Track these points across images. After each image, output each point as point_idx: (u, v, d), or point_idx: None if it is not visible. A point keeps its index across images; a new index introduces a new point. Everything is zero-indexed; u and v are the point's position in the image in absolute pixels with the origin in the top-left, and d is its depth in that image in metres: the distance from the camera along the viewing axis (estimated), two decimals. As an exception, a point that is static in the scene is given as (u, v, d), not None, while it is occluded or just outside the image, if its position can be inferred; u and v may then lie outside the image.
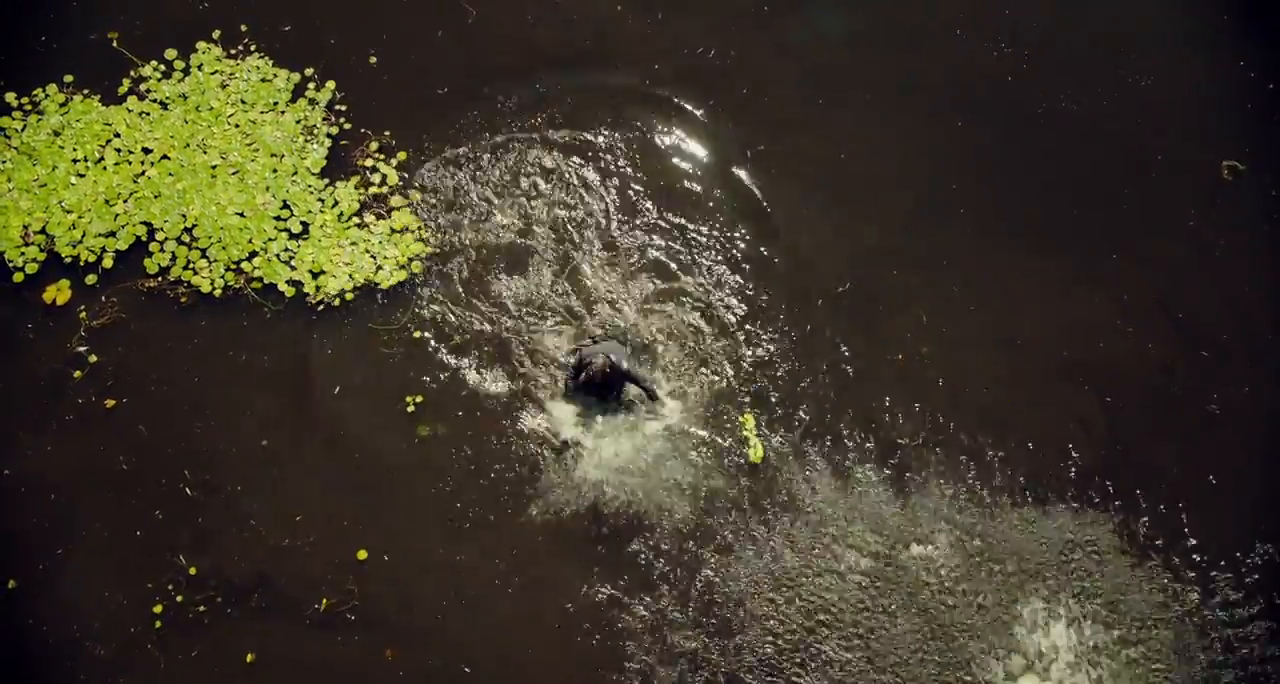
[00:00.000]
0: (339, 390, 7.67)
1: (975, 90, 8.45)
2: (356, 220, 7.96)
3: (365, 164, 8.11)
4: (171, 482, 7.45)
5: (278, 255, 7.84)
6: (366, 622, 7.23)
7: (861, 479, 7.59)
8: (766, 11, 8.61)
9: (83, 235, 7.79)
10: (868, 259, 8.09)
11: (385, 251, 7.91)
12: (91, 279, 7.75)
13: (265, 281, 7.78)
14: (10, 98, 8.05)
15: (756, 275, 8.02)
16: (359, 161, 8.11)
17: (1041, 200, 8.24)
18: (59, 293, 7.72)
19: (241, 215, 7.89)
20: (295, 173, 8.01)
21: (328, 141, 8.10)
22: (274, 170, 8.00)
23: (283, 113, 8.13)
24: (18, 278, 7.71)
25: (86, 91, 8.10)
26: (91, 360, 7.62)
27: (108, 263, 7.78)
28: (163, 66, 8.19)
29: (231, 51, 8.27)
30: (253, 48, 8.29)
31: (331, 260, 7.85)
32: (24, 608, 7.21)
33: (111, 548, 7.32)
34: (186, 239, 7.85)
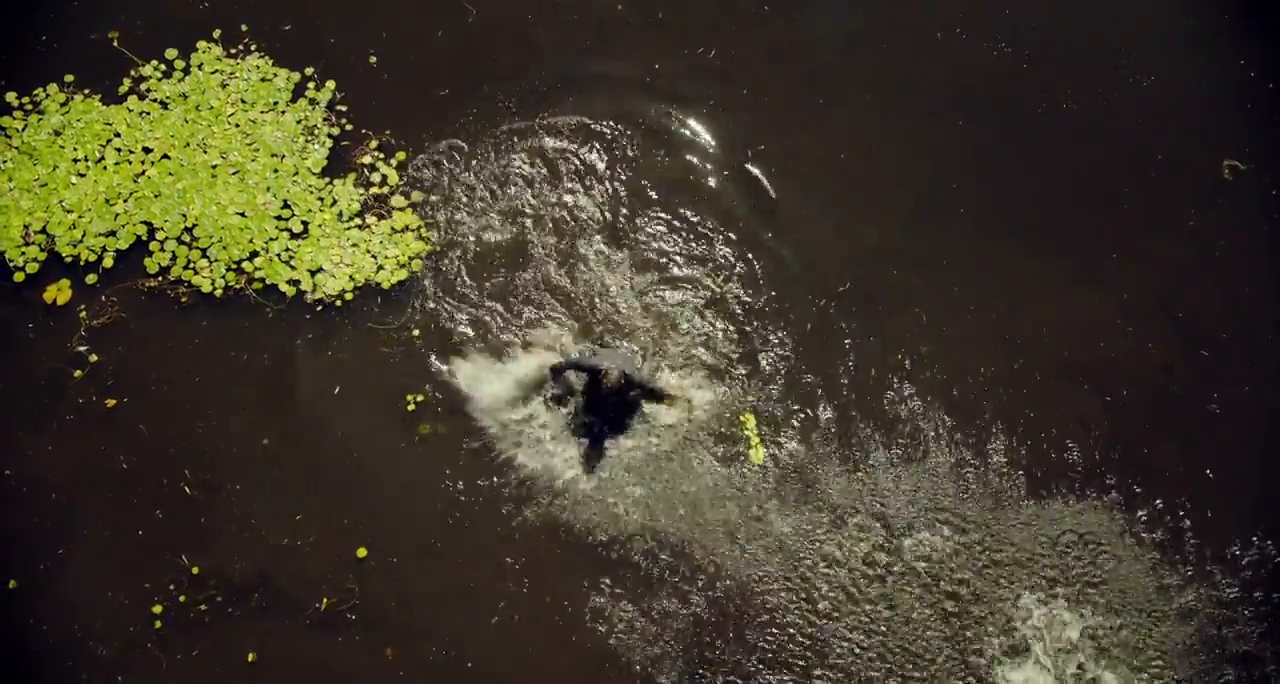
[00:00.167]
0: (339, 390, 7.67)
1: (975, 90, 8.45)
2: (358, 221, 7.97)
3: (364, 162, 8.11)
4: (172, 481, 7.45)
5: (278, 255, 7.84)
6: (367, 621, 7.24)
7: (862, 478, 7.60)
8: (766, 11, 8.61)
9: (83, 235, 7.79)
10: (868, 259, 8.10)
11: (386, 251, 7.91)
12: (92, 279, 7.75)
13: (266, 282, 7.79)
14: (11, 97, 8.04)
15: (756, 275, 8.02)
16: (359, 161, 8.11)
17: (1041, 200, 8.25)
18: (59, 292, 7.72)
19: (242, 215, 7.89)
20: (296, 173, 8.01)
21: (328, 141, 8.10)
22: (275, 170, 7.99)
23: (283, 113, 8.13)
24: (18, 277, 7.71)
25: (87, 91, 8.10)
26: (92, 360, 7.62)
27: (108, 262, 7.78)
28: (163, 66, 8.19)
29: (232, 51, 8.27)
30: (253, 47, 8.29)
31: (332, 260, 7.85)
32: (25, 608, 7.22)
33: (112, 548, 7.32)
34: (187, 239, 7.85)
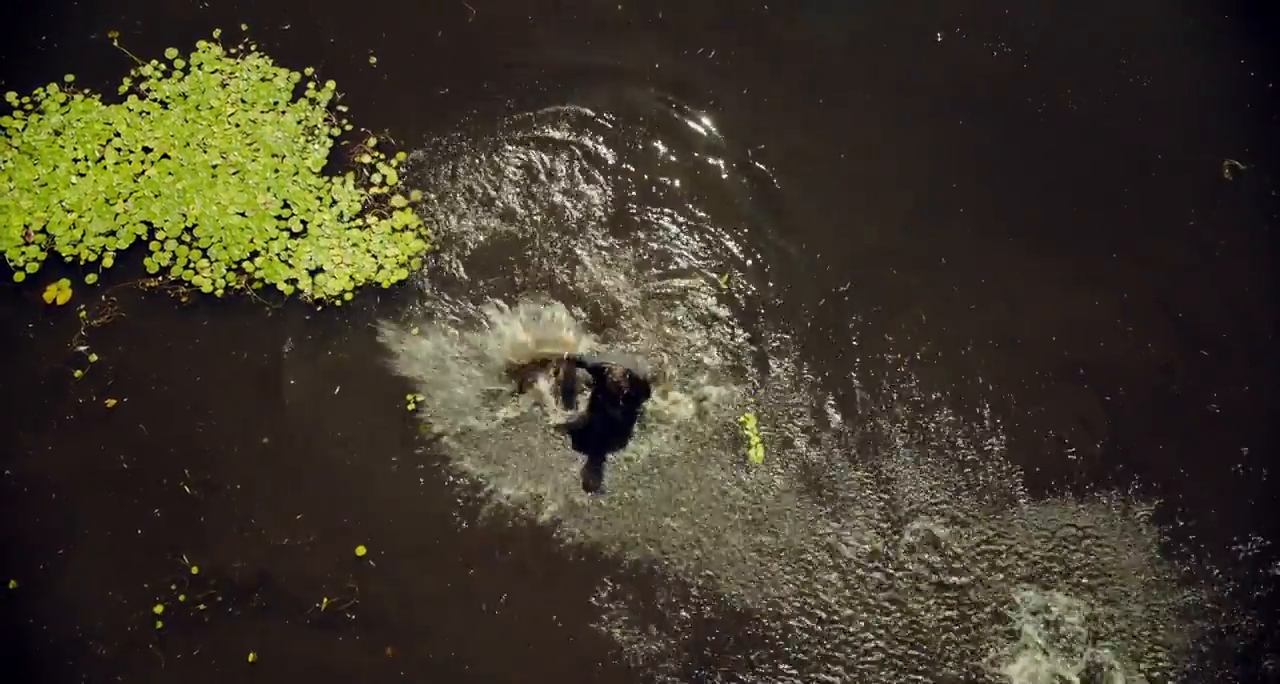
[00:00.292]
0: (339, 390, 7.67)
1: (975, 90, 8.44)
2: (358, 221, 7.97)
3: (364, 161, 8.10)
4: (172, 481, 7.46)
5: (278, 255, 7.84)
6: (367, 621, 7.24)
7: (862, 476, 7.60)
8: (766, 11, 8.61)
9: (83, 235, 7.79)
10: (868, 259, 8.10)
11: (386, 251, 7.91)
12: (92, 278, 7.75)
13: (266, 281, 7.79)
14: (11, 97, 8.04)
15: (756, 275, 8.02)
16: (359, 160, 8.11)
17: (1041, 200, 8.25)
18: (59, 292, 7.72)
19: (242, 215, 7.89)
20: (296, 172, 8.00)
21: (329, 141, 8.10)
22: (275, 170, 7.99)
23: (283, 113, 8.12)
24: (18, 277, 7.71)
25: (87, 91, 8.10)
26: (92, 360, 7.62)
27: (108, 262, 7.78)
28: (163, 66, 8.19)
29: (232, 51, 8.26)
30: (253, 47, 8.28)
31: (332, 260, 7.85)
32: (25, 608, 7.22)
33: (112, 548, 7.33)
34: (187, 239, 7.85)
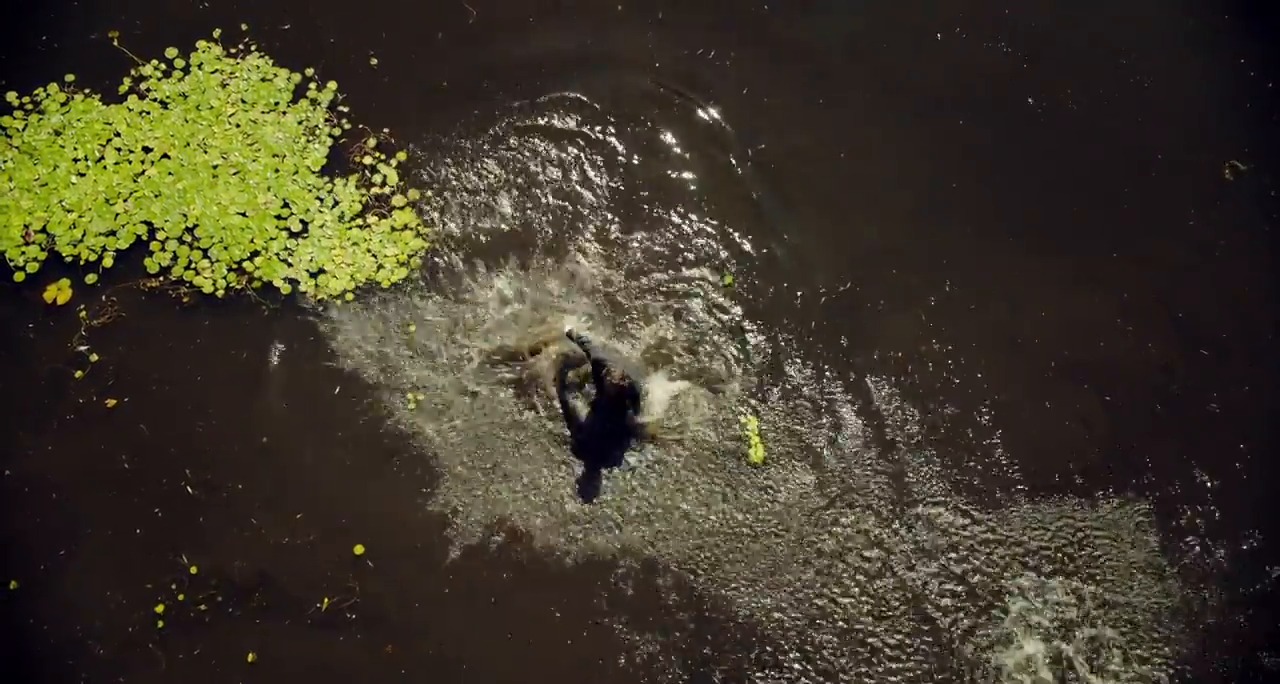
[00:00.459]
0: (339, 390, 7.68)
1: (975, 90, 8.45)
2: (359, 221, 7.97)
3: (363, 161, 8.10)
4: (173, 481, 7.46)
5: (278, 255, 7.84)
6: (366, 620, 7.24)
7: (861, 475, 7.60)
8: (766, 11, 8.61)
9: (83, 234, 7.79)
10: (868, 259, 8.10)
11: (386, 250, 7.92)
12: (92, 278, 7.75)
13: (266, 281, 7.79)
14: (11, 97, 8.04)
15: (756, 274, 8.02)
16: (360, 161, 8.11)
17: (1041, 200, 8.25)
18: (59, 292, 7.72)
19: (243, 215, 7.89)
20: (296, 172, 8.00)
21: (329, 141, 8.10)
22: (275, 170, 7.99)
23: (284, 113, 8.13)
24: (18, 277, 7.71)
25: (87, 91, 8.10)
26: (92, 360, 7.62)
27: (108, 262, 7.78)
28: (163, 66, 8.19)
29: (232, 51, 8.27)
30: (253, 47, 8.28)
31: (334, 260, 7.85)
32: (25, 608, 7.22)
33: (113, 547, 7.33)
34: (188, 239, 7.85)
